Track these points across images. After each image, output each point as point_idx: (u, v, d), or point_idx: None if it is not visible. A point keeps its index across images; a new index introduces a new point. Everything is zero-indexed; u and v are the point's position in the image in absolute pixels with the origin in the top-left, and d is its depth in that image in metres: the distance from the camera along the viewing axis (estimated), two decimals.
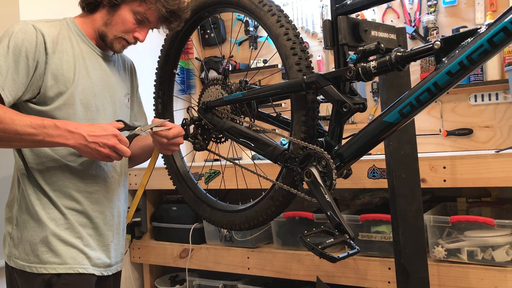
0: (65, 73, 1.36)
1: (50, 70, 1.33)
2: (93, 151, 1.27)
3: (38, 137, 1.25)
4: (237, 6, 1.35)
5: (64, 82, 1.35)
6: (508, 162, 1.61)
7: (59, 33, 1.38)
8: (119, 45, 1.44)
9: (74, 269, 1.36)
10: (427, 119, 2.43)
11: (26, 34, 1.31)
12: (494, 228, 1.66)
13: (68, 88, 1.35)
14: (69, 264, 1.36)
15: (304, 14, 2.79)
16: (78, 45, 1.41)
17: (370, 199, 2.18)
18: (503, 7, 2.25)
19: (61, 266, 1.34)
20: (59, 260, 1.35)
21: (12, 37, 1.30)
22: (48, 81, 1.33)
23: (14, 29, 1.32)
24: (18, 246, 1.36)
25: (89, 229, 1.41)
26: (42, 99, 1.34)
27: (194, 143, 1.49)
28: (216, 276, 2.40)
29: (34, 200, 1.36)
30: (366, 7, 1.16)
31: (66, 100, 1.35)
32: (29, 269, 1.34)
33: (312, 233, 1.16)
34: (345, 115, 1.14)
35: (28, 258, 1.34)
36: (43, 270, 1.33)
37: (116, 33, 1.41)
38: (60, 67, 1.35)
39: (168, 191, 2.56)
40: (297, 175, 1.21)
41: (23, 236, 1.36)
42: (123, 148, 1.30)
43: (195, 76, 3.01)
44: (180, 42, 1.59)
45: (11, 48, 1.29)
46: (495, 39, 0.88)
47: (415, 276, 1.43)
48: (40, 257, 1.34)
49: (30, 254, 1.34)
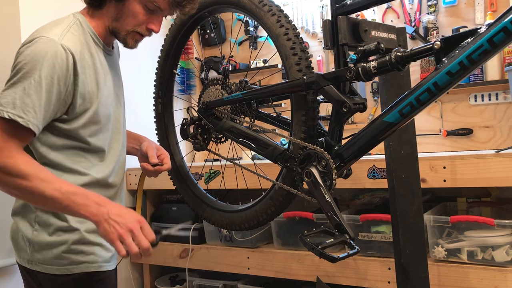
0: (90, 89, 1.29)
1: (78, 90, 1.26)
2: (110, 228, 1.19)
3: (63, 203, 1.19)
4: (237, 6, 1.35)
5: (89, 98, 1.29)
6: (508, 162, 1.61)
7: (80, 43, 1.29)
8: (133, 41, 1.36)
9: (103, 266, 1.38)
10: (427, 119, 2.43)
11: (57, 59, 1.21)
12: (494, 228, 1.66)
13: (92, 103, 1.30)
14: (99, 262, 1.37)
15: (304, 14, 2.79)
16: (95, 52, 1.33)
17: (370, 199, 2.18)
18: (503, 7, 2.24)
19: (93, 264, 1.35)
20: (91, 259, 1.35)
21: (44, 64, 1.20)
22: (77, 101, 1.27)
23: (43, 52, 1.21)
24: (43, 251, 1.32)
25: None
26: (68, 118, 1.28)
27: (194, 143, 1.49)
28: (216, 276, 2.40)
29: None
30: (366, 7, 1.16)
31: (91, 117, 1.30)
32: (59, 272, 1.32)
33: (312, 233, 1.16)
34: (345, 115, 1.14)
35: (57, 261, 1.32)
36: (76, 270, 1.33)
37: (128, 28, 1.33)
38: (86, 84, 1.28)
39: (168, 191, 2.55)
40: (297, 175, 1.21)
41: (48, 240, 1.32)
42: (140, 236, 1.20)
43: (195, 76, 3.01)
44: (180, 42, 1.59)
45: (43, 77, 1.20)
46: (495, 39, 0.88)
47: (415, 276, 1.43)
48: (71, 258, 1.33)
49: (59, 257, 1.32)
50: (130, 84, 2.59)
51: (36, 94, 1.20)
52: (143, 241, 1.20)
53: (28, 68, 1.20)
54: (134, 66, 2.61)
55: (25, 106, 1.18)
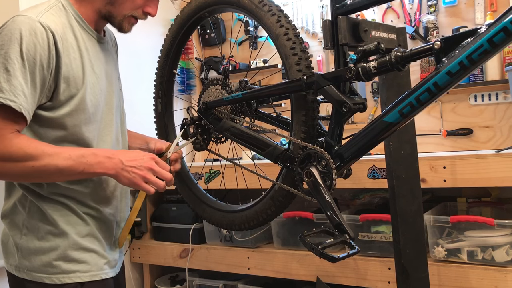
0: (75, 73, 1.21)
1: (62, 73, 1.18)
2: (130, 174, 1.20)
3: (78, 169, 1.17)
4: (237, 6, 1.34)
5: (75, 83, 1.21)
6: (508, 162, 1.61)
7: (62, 24, 1.20)
8: (129, 25, 1.32)
9: (97, 275, 1.28)
10: (427, 119, 2.43)
11: (37, 37, 1.13)
12: (494, 228, 1.66)
13: (78, 90, 1.21)
14: (93, 271, 1.28)
15: (304, 14, 2.79)
16: (80, 35, 1.24)
17: (370, 199, 2.18)
18: (503, 7, 2.24)
19: (85, 274, 1.26)
20: (83, 268, 1.26)
21: (23, 42, 1.12)
22: (60, 85, 1.18)
23: (21, 29, 1.13)
24: (31, 257, 1.24)
25: (105, 231, 1.34)
26: (53, 105, 1.20)
27: (194, 143, 1.49)
28: (216, 276, 2.40)
29: (50, 209, 1.24)
30: (366, 7, 1.16)
31: (77, 104, 1.22)
32: (49, 280, 1.23)
33: (312, 233, 1.16)
34: (345, 115, 1.14)
35: (46, 269, 1.23)
36: (67, 280, 1.24)
37: (126, 12, 1.28)
38: (70, 67, 1.20)
39: (168, 191, 2.55)
40: (297, 175, 1.21)
41: (37, 245, 1.24)
42: (161, 170, 1.23)
43: (195, 76, 3.01)
44: (180, 42, 1.58)
45: (25, 58, 1.12)
46: (495, 39, 0.88)
47: (415, 276, 1.43)
48: (62, 266, 1.24)
49: (49, 265, 1.24)
50: (130, 84, 2.60)
51: (22, 76, 1.12)
52: (165, 174, 1.24)
53: (6, 49, 1.12)
54: (134, 66, 2.62)
55: (14, 89, 1.11)
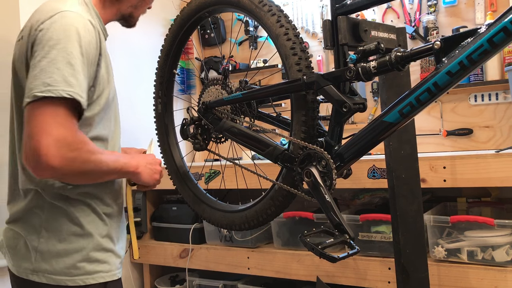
0: (104, 72, 1.23)
1: (100, 72, 1.20)
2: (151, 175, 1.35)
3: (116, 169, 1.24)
4: (237, 6, 1.34)
5: (103, 82, 1.22)
6: (508, 162, 1.61)
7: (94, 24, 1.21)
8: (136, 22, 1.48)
9: (116, 275, 1.30)
10: (427, 119, 2.43)
11: (91, 35, 1.15)
12: (494, 228, 1.66)
13: (104, 89, 1.23)
14: (113, 270, 1.29)
15: (304, 14, 2.79)
16: (103, 36, 1.27)
17: (370, 199, 2.18)
18: (503, 7, 2.25)
19: (108, 273, 1.27)
20: (105, 268, 1.27)
21: (81, 39, 1.12)
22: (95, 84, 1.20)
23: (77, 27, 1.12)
24: (52, 260, 1.22)
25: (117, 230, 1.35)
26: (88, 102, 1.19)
27: (194, 143, 1.49)
28: (216, 276, 2.40)
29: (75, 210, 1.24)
30: (366, 7, 1.16)
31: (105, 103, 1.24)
32: (72, 283, 1.22)
33: (312, 233, 1.16)
34: (345, 115, 1.14)
35: (70, 272, 1.22)
36: (91, 281, 1.23)
37: (142, 12, 1.45)
38: (103, 66, 1.22)
39: (168, 191, 2.56)
40: (297, 175, 1.21)
41: (59, 248, 1.22)
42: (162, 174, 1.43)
43: (195, 76, 3.01)
44: (180, 42, 1.59)
45: (84, 55, 1.13)
46: (495, 39, 0.88)
47: (415, 276, 1.43)
48: (86, 268, 1.23)
49: (73, 267, 1.22)
50: (130, 84, 2.61)
51: (83, 73, 1.11)
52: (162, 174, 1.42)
53: (64, 44, 1.09)
54: (134, 66, 2.62)
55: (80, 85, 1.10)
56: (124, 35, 2.56)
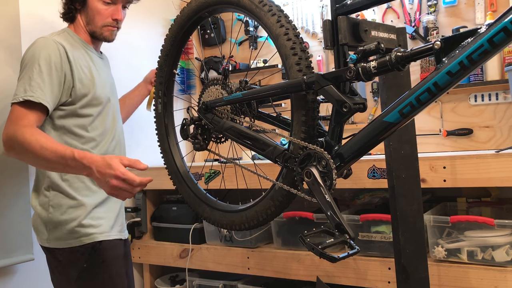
0: (87, 76, 1.63)
1: (76, 75, 1.59)
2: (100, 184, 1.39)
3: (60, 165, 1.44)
4: (237, 6, 1.34)
5: (87, 84, 1.63)
6: (508, 162, 1.61)
7: (69, 43, 1.63)
8: (108, 33, 1.70)
9: (110, 236, 1.67)
10: (427, 119, 2.43)
11: (49, 49, 1.55)
12: (494, 228, 1.66)
13: (91, 89, 1.63)
14: (106, 232, 1.66)
15: (304, 14, 2.79)
16: (85, 51, 1.68)
17: (370, 199, 2.18)
18: (503, 7, 2.25)
19: (101, 235, 1.64)
20: (99, 230, 1.64)
21: (41, 55, 1.53)
22: (76, 84, 1.60)
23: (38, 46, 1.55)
24: (58, 228, 1.60)
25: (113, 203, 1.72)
26: (72, 100, 1.61)
27: (194, 143, 1.49)
28: (216, 276, 2.40)
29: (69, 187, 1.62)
30: (366, 7, 1.16)
31: (90, 100, 1.64)
32: (75, 243, 1.60)
33: (312, 233, 1.16)
34: (345, 115, 1.14)
35: (71, 235, 1.60)
36: (88, 240, 1.61)
37: (99, 24, 1.67)
38: (82, 72, 1.62)
39: (168, 191, 2.56)
40: (297, 175, 1.21)
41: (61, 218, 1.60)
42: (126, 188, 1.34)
43: (195, 76, 3.01)
44: (180, 42, 1.58)
45: (42, 65, 1.52)
46: (495, 39, 0.88)
47: (415, 276, 1.43)
48: (82, 232, 1.61)
49: (73, 231, 1.60)
50: (130, 84, 2.61)
51: (39, 78, 1.51)
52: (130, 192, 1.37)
53: (29, 63, 1.54)
54: (134, 66, 2.62)
55: (32, 87, 1.50)
56: (124, 35, 2.56)
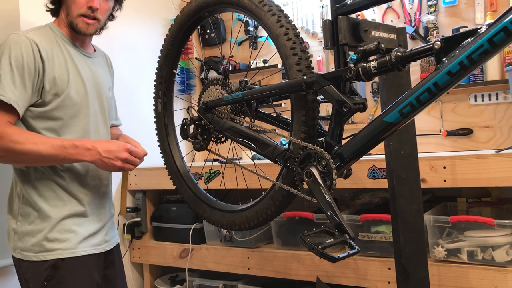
0: (60, 75, 1.50)
1: (47, 75, 1.47)
2: (108, 164, 1.47)
3: (59, 157, 1.42)
4: (237, 6, 1.34)
5: (60, 84, 1.49)
6: (508, 162, 1.61)
7: (47, 39, 1.51)
8: (83, 24, 1.53)
9: (77, 252, 1.52)
10: (427, 119, 2.43)
11: (22, 48, 1.43)
12: (494, 228, 1.66)
13: (64, 90, 1.50)
14: (73, 249, 1.51)
15: (304, 14, 2.79)
16: (66, 49, 1.55)
17: (370, 199, 2.18)
18: (503, 7, 2.24)
19: (65, 251, 1.50)
20: (64, 246, 1.50)
21: (11, 52, 1.42)
22: (47, 85, 1.47)
23: (10, 43, 1.44)
24: (24, 239, 1.49)
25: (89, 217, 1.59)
26: (42, 102, 1.48)
27: (194, 143, 1.49)
28: (216, 276, 2.40)
29: (36, 197, 1.50)
30: (366, 7, 1.16)
31: (62, 101, 1.50)
32: (36, 258, 1.47)
33: (312, 233, 1.16)
34: (345, 115, 1.14)
35: (34, 249, 1.48)
36: (50, 257, 1.48)
37: (75, 14, 1.52)
38: (55, 70, 1.49)
39: (168, 191, 2.56)
40: (297, 175, 1.21)
41: (28, 229, 1.49)
42: (134, 159, 1.52)
43: (195, 76, 3.01)
44: (180, 42, 1.59)
45: (13, 64, 1.42)
46: (495, 39, 0.88)
47: (415, 276, 1.43)
48: (46, 246, 1.48)
49: (36, 244, 1.48)
50: (130, 84, 2.61)
51: (11, 78, 1.41)
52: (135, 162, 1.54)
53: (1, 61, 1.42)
54: (134, 66, 2.62)
55: (3, 87, 1.40)
56: (124, 35, 2.56)
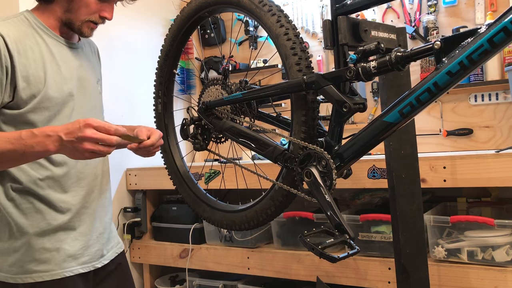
0: (35, 72, 1.28)
1: (19, 72, 1.26)
2: (73, 149, 1.14)
3: (18, 151, 1.16)
4: (237, 6, 1.34)
5: (35, 83, 1.28)
6: (508, 162, 1.61)
7: (19, 30, 1.30)
8: (88, 29, 1.39)
9: (60, 274, 1.32)
10: (427, 119, 2.43)
11: None
12: (494, 228, 1.66)
13: (40, 89, 1.29)
14: (55, 270, 1.32)
15: (304, 14, 2.79)
16: (42, 40, 1.34)
17: (370, 199, 2.18)
18: (503, 7, 2.24)
19: (46, 273, 1.31)
20: (44, 268, 1.31)
21: None
22: (20, 84, 1.26)
23: None
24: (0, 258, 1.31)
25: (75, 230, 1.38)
26: (16, 103, 1.27)
27: (194, 143, 1.49)
28: (216, 276, 2.40)
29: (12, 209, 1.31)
30: (366, 7, 1.16)
31: (39, 102, 1.29)
32: (13, 280, 1.28)
33: (312, 233, 1.16)
34: (345, 115, 1.14)
35: (11, 269, 1.29)
36: (29, 280, 1.29)
37: (82, 18, 1.35)
38: (29, 67, 1.28)
39: (168, 191, 2.56)
40: (297, 175, 1.21)
41: (4, 247, 1.31)
42: (103, 136, 1.12)
43: (195, 76, 3.01)
44: (180, 42, 1.58)
45: None
46: (495, 39, 0.88)
47: (415, 276, 1.43)
48: (24, 267, 1.29)
49: (14, 265, 1.29)
50: (130, 84, 2.61)
51: None
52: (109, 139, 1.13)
53: None
54: (134, 66, 2.62)
55: None
56: (124, 35, 2.56)
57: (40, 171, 1.33)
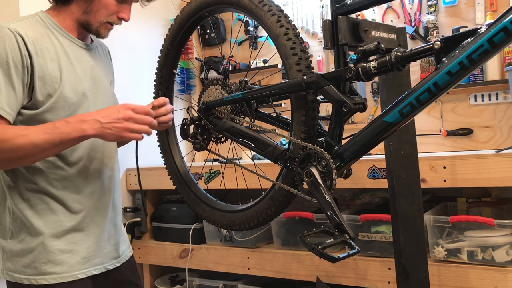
0: (51, 72, 1.30)
1: (36, 72, 1.27)
2: (112, 130, 1.23)
3: (56, 140, 1.21)
4: (237, 6, 1.34)
5: (51, 83, 1.30)
6: (508, 162, 1.61)
7: (36, 31, 1.31)
8: (105, 30, 1.41)
9: (74, 276, 1.34)
10: (427, 119, 2.43)
11: (6, 41, 1.24)
12: (494, 228, 1.66)
13: (56, 89, 1.30)
14: (69, 272, 1.33)
15: (304, 14, 2.79)
16: (58, 41, 1.35)
17: (370, 199, 2.18)
18: (503, 7, 2.24)
19: (61, 275, 1.32)
20: (59, 270, 1.32)
21: None
22: (37, 84, 1.27)
23: None
24: (13, 259, 1.31)
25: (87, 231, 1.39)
26: (33, 103, 1.29)
27: (194, 143, 1.49)
28: (216, 276, 2.40)
29: (27, 210, 1.32)
30: (366, 7, 1.16)
31: (56, 102, 1.30)
32: (28, 281, 1.30)
33: (312, 233, 1.16)
34: (345, 115, 1.14)
35: (25, 271, 1.30)
36: (43, 281, 1.30)
37: (101, 19, 1.37)
38: (46, 67, 1.29)
39: (168, 191, 2.55)
40: (297, 175, 1.20)
41: (18, 248, 1.31)
42: (140, 116, 1.25)
43: (195, 76, 3.01)
44: (180, 42, 1.58)
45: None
46: (495, 39, 0.88)
47: (415, 276, 1.43)
48: (38, 268, 1.30)
49: (28, 266, 1.30)
50: (130, 84, 2.61)
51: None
52: (145, 118, 1.27)
53: None
54: (134, 66, 2.62)
55: None
56: (124, 35, 2.56)
57: (56, 171, 1.34)
